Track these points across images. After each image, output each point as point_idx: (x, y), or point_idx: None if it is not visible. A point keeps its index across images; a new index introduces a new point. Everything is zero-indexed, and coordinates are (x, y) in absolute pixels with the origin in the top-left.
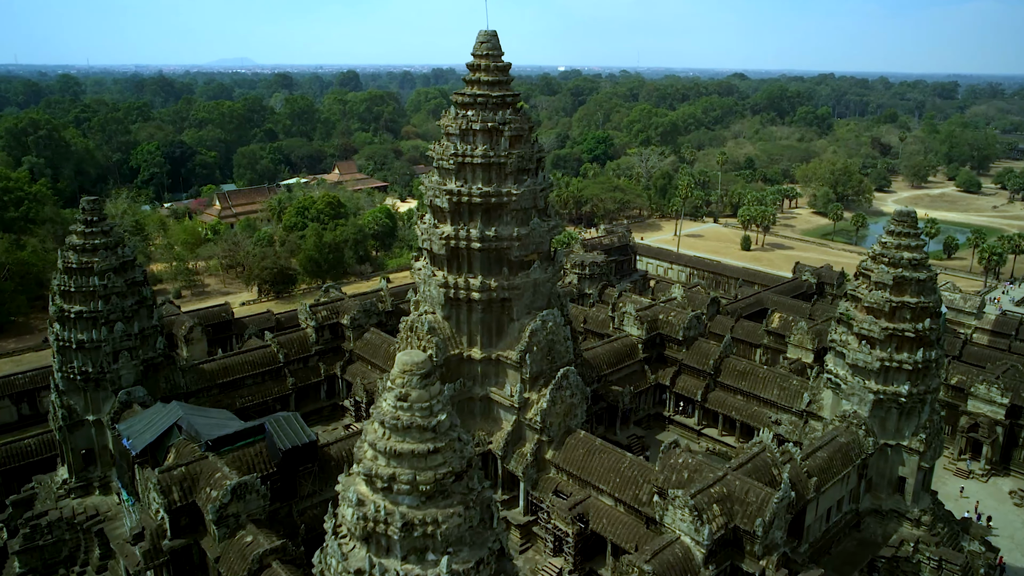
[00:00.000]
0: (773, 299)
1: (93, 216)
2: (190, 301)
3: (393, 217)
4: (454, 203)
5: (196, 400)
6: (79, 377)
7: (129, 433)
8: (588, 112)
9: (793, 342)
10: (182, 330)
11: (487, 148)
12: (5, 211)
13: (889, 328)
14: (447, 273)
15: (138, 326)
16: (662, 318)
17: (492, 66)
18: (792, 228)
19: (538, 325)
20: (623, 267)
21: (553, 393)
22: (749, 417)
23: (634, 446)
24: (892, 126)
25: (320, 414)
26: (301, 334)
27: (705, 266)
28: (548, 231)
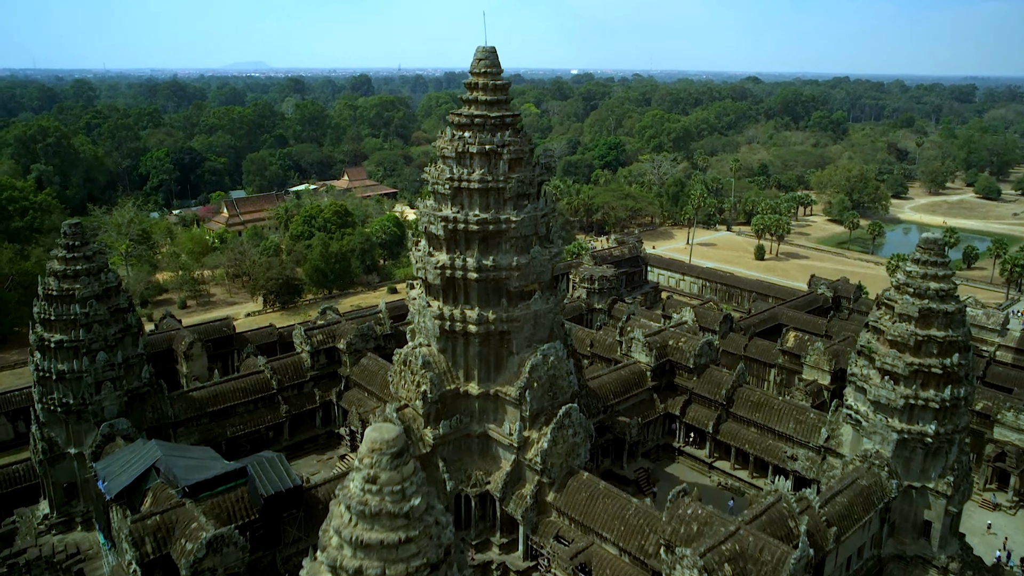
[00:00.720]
0: (788, 314)
1: (75, 240)
2: (195, 311)
3: (401, 225)
4: (450, 230)
5: (185, 429)
6: (60, 409)
7: (105, 474)
8: (600, 117)
9: (809, 363)
10: (182, 346)
11: (485, 172)
12: (10, 220)
13: (914, 364)
14: (443, 304)
15: (122, 355)
16: (672, 344)
17: (491, 84)
18: (807, 236)
19: (539, 360)
20: (634, 279)
21: (554, 432)
22: (763, 451)
23: (641, 480)
24: (909, 131)
25: (315, 442)
26: (296, 359)
27: (717, 278)
28: (550, 259)
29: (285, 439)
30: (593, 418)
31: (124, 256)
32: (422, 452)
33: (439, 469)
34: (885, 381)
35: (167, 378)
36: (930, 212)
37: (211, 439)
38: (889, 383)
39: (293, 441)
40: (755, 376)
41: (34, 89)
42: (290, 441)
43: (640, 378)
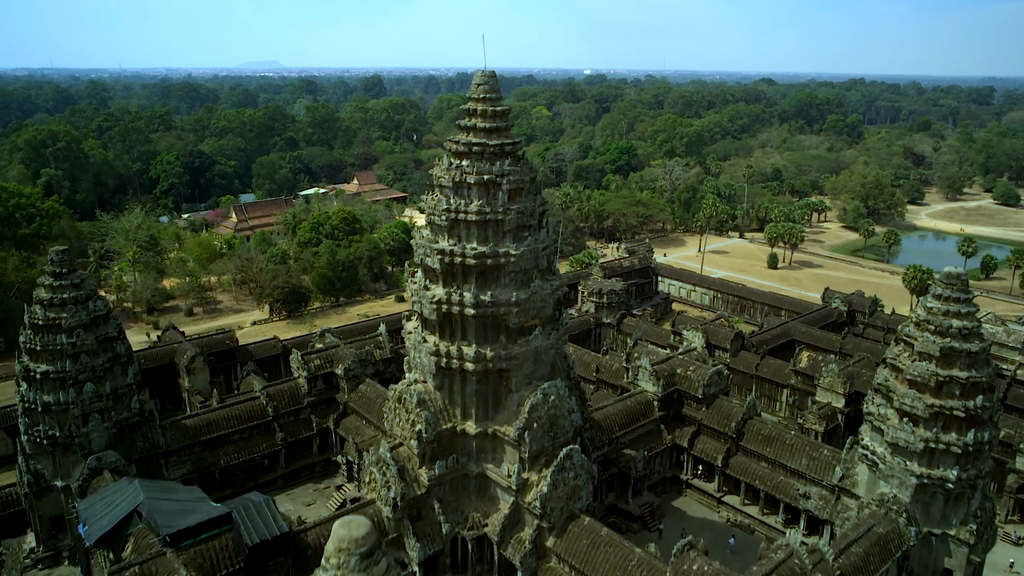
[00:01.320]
0: (801, 330)
1: (62, 268)
2: (201, 319)
3: (410, 231)
4: (446, 264)
5: (178, 459)
6: (46, 441)
7: (87, 516)
8: (612, 121)
9: (823, 385)
10: (184, 359)
11: (483, 203)
12: (17, 228)
13: (935, 406)
14: (439, 339)
15: (111, 386)
16: (680, 372)
17: (490, 111)
18: (821, 244)
19: (539, 400)
20: (644, 290)
21: (555, 476)
22: (774, 488)
23: (647, 516)
24: (925, 135)
25: (312, 470)
26: (292, 384)
27: (729, 289)
28: (552, 292)
29: (281, 467)
30: (597, 451)
31: (131, 262)
32: (417, 493)
33: (434, 511)
34: (903, 423)
35: (169, 392)
36: (947, 219)
37: (204, 468)
38: (908, 425)
39: (289, 469)
40: (767, 396)
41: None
42: (286, 469)
43: (647, 408)
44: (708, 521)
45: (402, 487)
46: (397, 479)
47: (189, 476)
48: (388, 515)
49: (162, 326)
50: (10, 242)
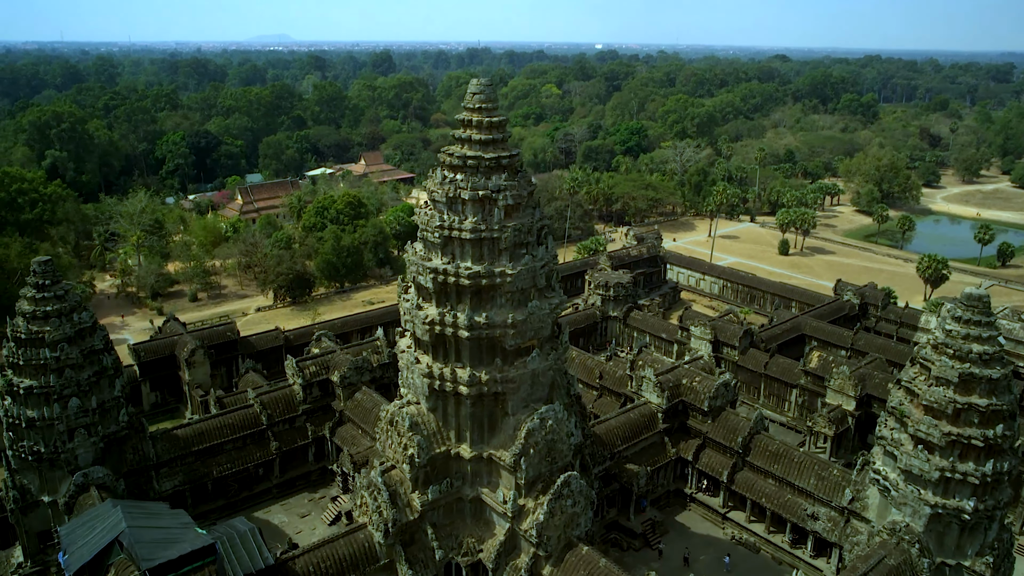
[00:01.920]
0: (812, 324)
1: (45, 279)
2: (206, 305)
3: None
4: (439, 283)
5: (169, 470)
6: (31, 457)
7: (68, 542)
8: (623, 100)
9: (833, 387)
10: (184, 353)
11: (478, 220)
12: (20, 212)
13: (952, 434)
14: (432, 360)
15: (96, 400)
16: (685, 383)
17: (485, 122)
18: (833, 229)
19: (536, 425)
20: (652, 279)
21: (551, 504)
22: (781, 508)
23: (648, 534)
24: (942, 114)
25: (308, 479)
26: (287, 391)
27: (739, 279)
28: (550, 312)
29: (276, 476)
30: (598, 466)
31: (136, 247)
32: (409, 519)
33: (428, 536)
34: (918, 450)
35: (170, 385)
36: (963, 203)
37: (196, 479)
38: (923, 453)
39: (284, 478)
40: (776, 396)
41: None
42: (281, 478)
43: (650, 421)
44: (712, 538)
45: (394, 513)
46: (388, 505)
47: (181, 487)
48: (380, 540)
49: (167, 312)
50: (13, 227)
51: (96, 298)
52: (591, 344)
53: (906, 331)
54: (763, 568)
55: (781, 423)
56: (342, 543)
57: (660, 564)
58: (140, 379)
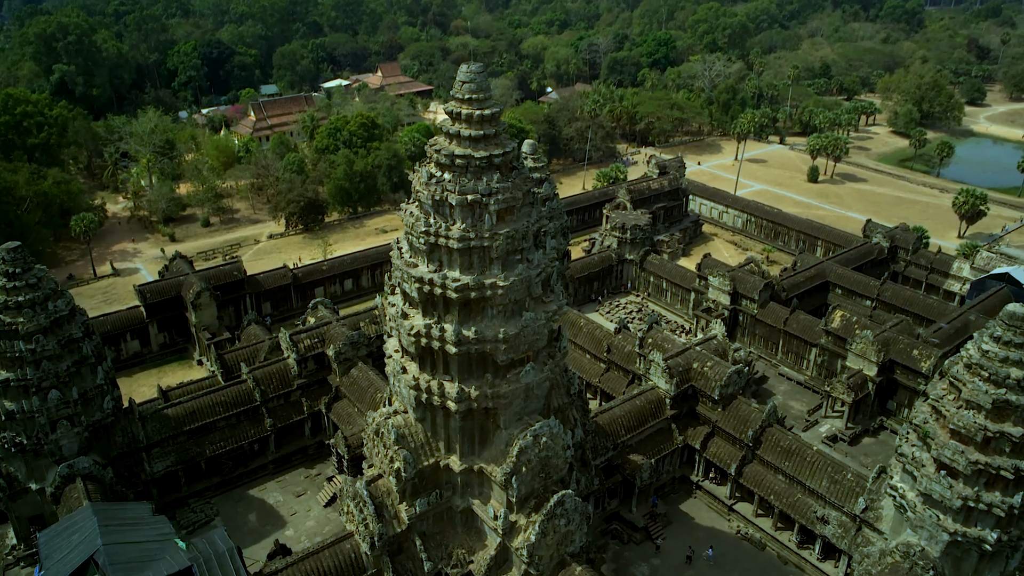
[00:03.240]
0: (837, 271)
1: (15, 267)
2: (218, 230)
3: (432, 134)
4: (425, 293)
5: (161, 450)
6: (14, 448)
7: (45, 553)
8: (651, 7)
9: (855, 351)
10: (190, 295)
11: (466, 227)
12: (27, 136)
13: (980, 463)
14: (419, 371)
15: (78, 390)
16: (696, 368)
17: (476, 116)
18: (867, 152)
19: (528, 443)
20: (672, 213)
21: (544, 524)
22: (790, 507)
23: (651, 527)
24: (993, 22)
25: (305, 453)
26: (281, 366)
27: (763, 214)
28: (547, 322)
29: (272, 452)
30: (600, 457)
31: (147, 168)
32: (396, 531)
33: (416, 546)
34: (941, 475)
35: (177, 327)
36: (1008, 123)
37: (189, 459)
38: (945, 479)
39: (280, 454)
40: (794, 353)
41: None
42: (277, 454)
43: (657, 407)
44: (716, 531)
45: (379, 528)
46: (374, 519)
47: (173, 468)
48: (366, 551)
49: (179, 237)
50: (21, 151)
51: (108, 222)
52: (606, 288)
53: (936, 277)
54: (768, 567)
55: (798, 382)
56: (327, 554)
57: (660, 560)
58: (147, 320)
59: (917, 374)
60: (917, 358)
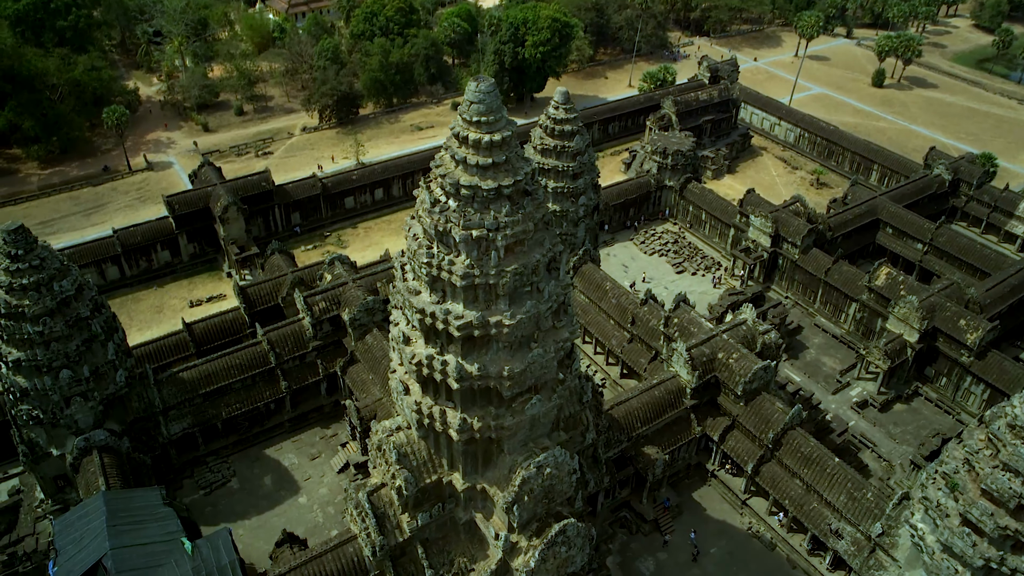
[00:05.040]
0: (890, 210)
1: (18, 248)
2: (251, 120)
3: (474, 20)
4: (427, 325)
5: (177, 412)
6: (31, 421)
7: (60, 545)
8: None
9: (897, 314)
10: (217, 209)
11: (471, 263)
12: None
13: (1009, 530)
14: (422, 394)
15: (89, 368)
16: (721, 358)
17: (485, 142)
18: (942, 50)
19: (532, 474)
20: (720, 126)
21: (544, 551)
22: (804, 515)
23: (661, 521)
24: None
25: (320, 412)
26: (296, 327)
27: (818, 130)
28: (555, 355)
29: (288, 411)
30: (612, 449)
31: (179, 49)
32: (398, 540)
33: (418, 554)
34: (965, 532)
35: (207, 237)
36: None
37: (206, 421)
38: (969, 536)
39: (296, 413)
40: (833, 305)
41: None
42: (293, 413)
43: (677, 397)
44: (728, 526)
45: (381, 540)
46: (376, 530)
47: (190, 429)
48: (368, 556)
49: (212, 127)
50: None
51: (141, 108)
52: (642, 214)
53: (999, 216)
54: (775, 571)
55: (834, 335)
56: (330, 558)
57: (666, 555)
58: (177, 231)
59: (961, 345)
60: (963, 329)
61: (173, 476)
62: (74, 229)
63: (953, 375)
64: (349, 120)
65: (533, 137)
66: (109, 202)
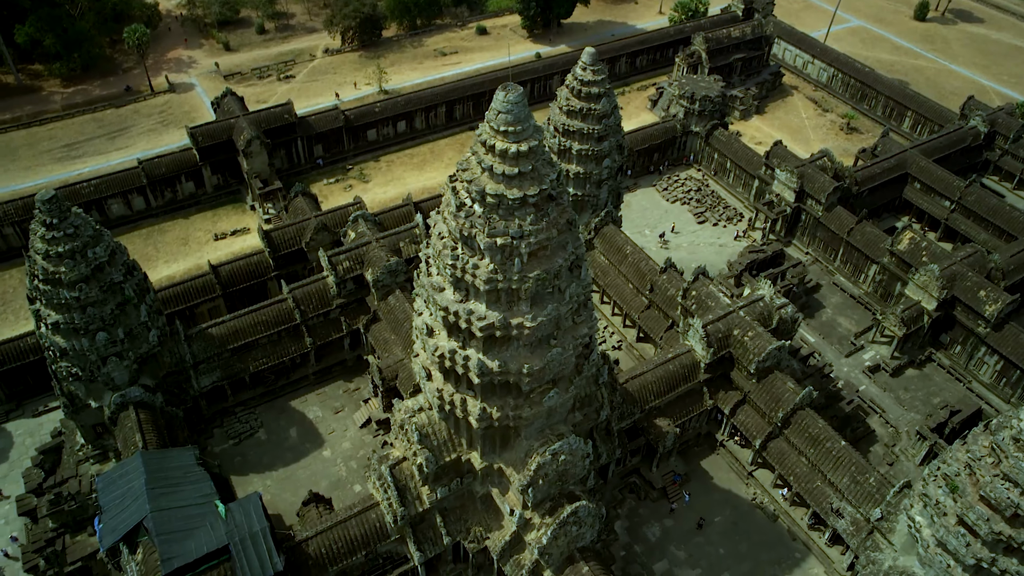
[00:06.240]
0: (920, 164)
1: (52, 217)
2: (273, 40)
3: None
4: (449, 322)
5: (207, 366)
6: (71, 377)
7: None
8: None
9: (917, 281)
10: (241, 143)
11: (494, 268)
12: None
13: (1003, 536)
14: (444, 381)
15: (123, 330)
16: (736, 335)
17: (512, 151)
18: None
19: (547, 460)
20: (751, 64)
21: (556, 530)
22: (807, 493)
23: (669, 490)
24: None
25: (344, 365)
26: (320, 285)
27: (852, 71)
28: (573, 352)
29: (312, 365)
30: (625, 421)
31: None
32: (418, 511)
33: (437, 522)
34: (960, 531)
35: (230, 169)
36: None
37: (234, 374)
38: (964, 536)
39: (320, 367)
40: (853, 265)
41: None
42: (317, 367)
43: (691, 371)
44: (732, 495)
45: (402, 511)
46: (397, 501)
47: (219, 382)
48: (390, 522)
49: (233, 46)
50: None
51: (162, 24)
52: (667, 159)
53: None
54: (776, 542)
55: (853, 295)
56: (353, 523)
57: (672, 522)
58: (200, 163)
59: (979, 316)
60: (982, 300)
61: (204, 426)
62: (99, 153)
63: (968, 344)
64: (372, 43)
65: (559, 97)
66: (132, 125)
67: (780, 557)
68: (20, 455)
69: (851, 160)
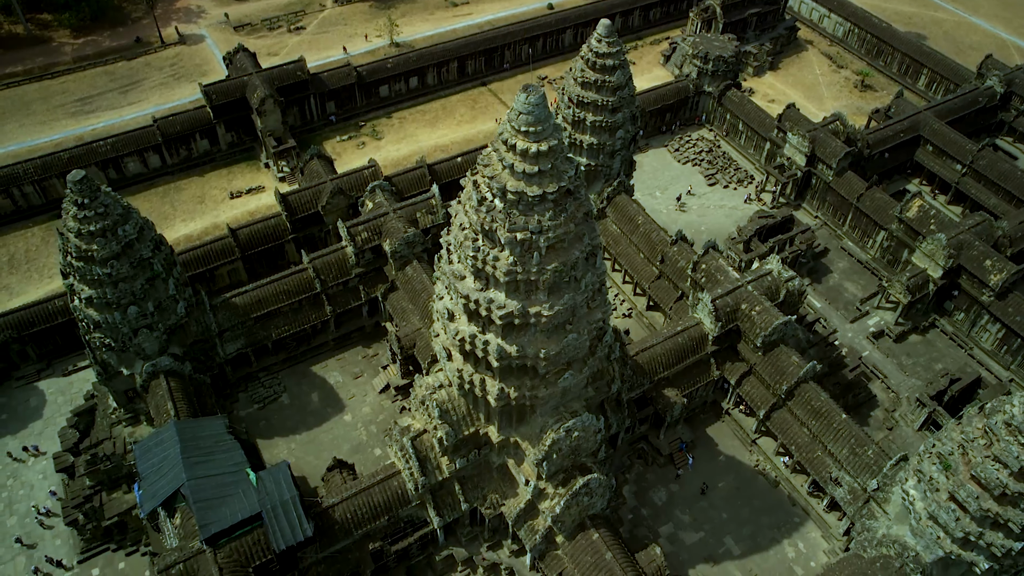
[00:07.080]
0: (932, 127)
1: (83, 197)
2: None
3: None
4: (470, 309)
5: (231, 334)
6: (103, 348)
7: (143, 470)
8: None
9: (924, 250)
10: (254, 101)
11: (514, 261)
12: None
13: (991, 513)
14: (463, 362)
15: (153, 304)
16: (744, 309)
17: (532, 151)
18: None
19: (561, 436)
20: (767, 19)
21: (568, 500)
22: (808, 462)
23: (676, 457)
24: None
25: (363, 332)
26: (340, 255)
27: (869, 27)
28: (588, 337)
29: (332, 332)
30: (634, 391)
31: None
32: (438, 479)
33: (456, 489)
34: (951, 506)
35: (244, 127)
36: None
37: (257, 341)
38: (954, 511)
39: (340, 333)
40: (862, 230)
41: None
42: (336, 334)
43: (699, 344)
44: (736, 462)
45: (423, 480)
46: (418, 471)
47: (243, 349)
48: (411, 490)
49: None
50: None
51: None
52: (678, 119)
53: None
54: (776, 507)
55: (860, 260)
56: (377, 490)
57: (678, 487)
58: (215, 121)
59: (983, 285)
60: (988, 269)
61: (229, 391)
62: (112, 107)
63: (971, 311)
64: None
65: (574, 69)
66: (144, 79)
67: (780, 521)
68: (53, 412)
69: (864, 120)
